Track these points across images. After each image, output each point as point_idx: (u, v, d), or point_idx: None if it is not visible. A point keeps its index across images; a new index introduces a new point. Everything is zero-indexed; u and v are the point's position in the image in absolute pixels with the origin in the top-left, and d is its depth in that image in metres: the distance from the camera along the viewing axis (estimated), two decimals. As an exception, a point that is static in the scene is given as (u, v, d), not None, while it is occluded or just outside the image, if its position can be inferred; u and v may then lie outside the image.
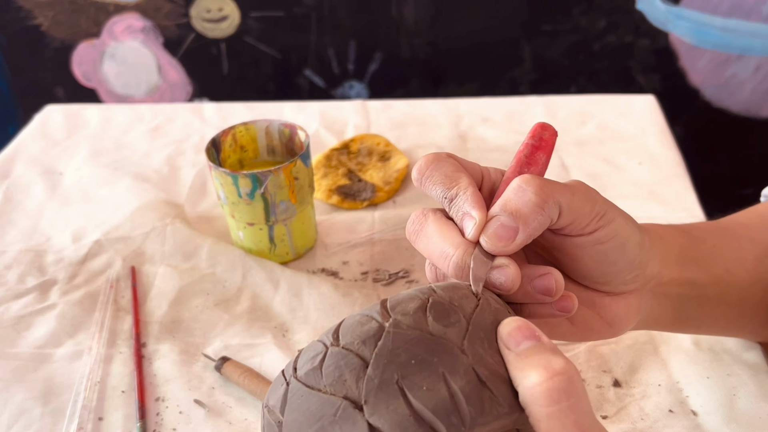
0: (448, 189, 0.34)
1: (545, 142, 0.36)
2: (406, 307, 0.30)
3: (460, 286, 0.31)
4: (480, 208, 0.33)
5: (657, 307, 0.40)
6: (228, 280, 0.61)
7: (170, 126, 0.86)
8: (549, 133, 0.36)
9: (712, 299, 0.42)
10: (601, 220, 0.34)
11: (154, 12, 1.23)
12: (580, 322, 0.38)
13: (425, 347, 0.28)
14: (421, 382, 0.27)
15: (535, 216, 0.32)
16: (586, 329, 0.38)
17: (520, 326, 0.28)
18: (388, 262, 0.63)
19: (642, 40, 1.20)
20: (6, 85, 1.32)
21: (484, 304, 0.30)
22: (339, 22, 1.22)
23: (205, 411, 0.49)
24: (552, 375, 0.26)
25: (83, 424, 0.48)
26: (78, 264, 0.63)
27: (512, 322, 0.29)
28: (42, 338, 0.56)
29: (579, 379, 0.26)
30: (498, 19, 1.20)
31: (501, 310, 0.31)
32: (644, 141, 0.79)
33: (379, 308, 0.30)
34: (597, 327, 0.38)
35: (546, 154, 0.36)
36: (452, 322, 0.29)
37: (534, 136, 0.36)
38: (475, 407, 0.27)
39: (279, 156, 0.66)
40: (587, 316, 0.38)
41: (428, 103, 0.89)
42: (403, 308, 0.29)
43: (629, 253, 0.36)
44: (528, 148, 0.36)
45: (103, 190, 0.74)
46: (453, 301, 0.30)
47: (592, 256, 0.35)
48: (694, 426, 0.46)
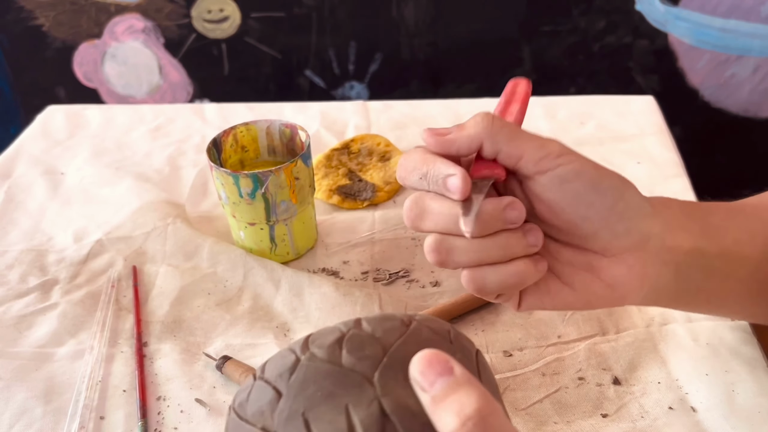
0: (420, 170, 0.36)
1: (518, 95, 0.39)
2: (324, 340, 0.30)
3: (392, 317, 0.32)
4: (453, 165, 0.35)
5: (662, 275, 0.39)
6: (229, 280, 0.61)
7: (171, 126, 0.86)
8: (521, 86, 0.40)
9: (720, 272, 0.41)
10: (559, 158, 0.36)
11: (155, 12, 1.23)
12: (580, 287, 0.38)
13: (333, 380, 0.29)
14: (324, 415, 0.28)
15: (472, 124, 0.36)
16: (588, 294, 0.38)
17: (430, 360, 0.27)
18: (389, 261, 0.63)
19: (641, 41, 1.21)
20: (7, 85, 1.32)
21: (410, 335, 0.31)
22: (339, 22, 1.22)
23: (206, 410, 0.50)
24: (464, 421, 0.25)
25: (85, 423, 0.49)
26: (79, 264, 0.63)
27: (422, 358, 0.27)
28: (43, 338, 0.56)
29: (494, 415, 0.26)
30: (498, 19, 1.20)
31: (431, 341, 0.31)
32: (643, 141, 0.79)
33: (302, 342, 0.31)
34: (599, 291, 0.38)
35: (519, 104, 0.39)
36: (366, 355, 0.29)
37: (506, 92, 0.40)
38: None
39: (280, 156, 0.66)
40: (587, 280, 0.38)
41: (428, 103, 0.89)
42: (321, 342, 0.30)
43: (605, 195, 0.36)
44: (500, 105, 0.39)
45: (104, 190, 0.75)
46: (375, 333, 0.31)
47: (565, 198, 0.36)
48: (694, 423, 0.47)
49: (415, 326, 0.31)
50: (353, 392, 0.28)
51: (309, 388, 0.29)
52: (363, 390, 0.28)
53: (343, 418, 0.27)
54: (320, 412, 0.28)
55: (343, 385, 0.28)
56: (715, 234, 0.41)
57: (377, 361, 0.29)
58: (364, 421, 0.27)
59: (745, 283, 0.43)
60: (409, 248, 0.65)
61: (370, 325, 0.31)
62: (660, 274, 0.39)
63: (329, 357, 0.30)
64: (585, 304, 0.39)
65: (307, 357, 0.30)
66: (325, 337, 0.31)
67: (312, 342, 0.31)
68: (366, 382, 0.28)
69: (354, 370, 0.29)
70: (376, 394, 0.28)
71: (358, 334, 0.31)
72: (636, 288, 0.39)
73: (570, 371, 0.51)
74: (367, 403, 0.28)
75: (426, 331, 0.31)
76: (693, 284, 0.41)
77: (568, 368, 0.51)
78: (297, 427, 0.28)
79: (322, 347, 0.30)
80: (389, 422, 0.27)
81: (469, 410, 0.25)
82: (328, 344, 0.30)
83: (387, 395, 0.28)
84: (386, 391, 0.28)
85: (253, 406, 0.30)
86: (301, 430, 0.28)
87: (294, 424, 0.28)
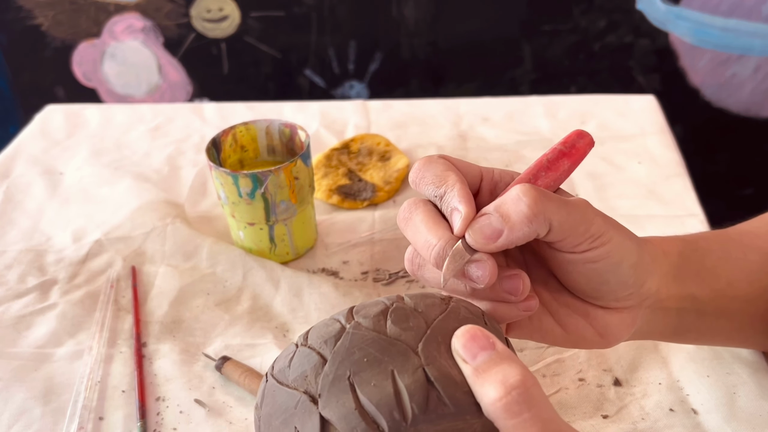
0: (438, 187, 0.35)
1: (576, 150, 0.36)
2: (368, 311, 0.32)
3: (431, 295, 0.33)
4: (467, 203, 0.34)
5: (653, 321, 0.40)
6: (228, 280, 0.61)
7: (170, 126, 0.86)
8: (584, 141, 0.36)
9: (712, 313, 0.42)
10: (595, 242, 0.34)
11: (154, 12, 1.23)
12: (572, 330, 0.38)
13: (379, 347, 0.30)
14: (370, 379, 0.29)
15: (522, 226, 0.32)
16: (578, 338, 0.39)
17: (473, 335, 0.29)
18: (389, 261, 0.63)
19: (642, 40, 1.20)
20: (6, 84, 1.32)
21: (450, 312, 0.32)
22: (339, 22, 1.22)
23: (205, 411, 0.50)
24: (509, 390, 0.26)
25: (84, 423, 0.48)
26: (78, 264, 0.63)
27: (465, 331, 0.29)
28: (42, 338, 0.56)
29: (537, 387, 0.27)
30: (498, 19, 1.20)
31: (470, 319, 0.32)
32: (644, 141, 0.79)
33: (346, 312, 0.32)
34: (589, 336, 0.39)
35: (572, 162, 0.36)
36: (410, 326, 0.30)
37: (566, 142, 0.36)
38: (419, 405, 0.28)
39: (279, 156, 0.66)
40: (580, 326, 0.38)
41: (428, 103, 0.89)
42: (365, 312, 0.32)
43: (622, 274, 0.36)
44: (554, 153, 0.36)
45: (103, 189, 0.74)
46: (417, 308, 0.32)
47: (583, 273, 0.36)
48: (694, 424, 0.46)
49: (454, 305, 0.33)
50: (398, 360, 0.29)
51: (355, 353, 0.30)
52: (408, 358, 0.29)
53: (389, 382, 0.28)
54: (366, 376, 0.29)
55: (388, 353, 0.29)
56: (710, 278, 0.41)
57: (421, 332, 0.30)
58: (409, 386, 0.28)
59: (736, 320, 0.43)
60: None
61: (413, 300, 0.32)
62: (650, 320, 0.40)
63: (375, 326, 0.31)
64: (572, 344, 0.39)
65: (353, 326, 0.31)
66: (369, 309, 0.32)
67: (357, 312, 0.32)
68: (410, 351, 0.29)
69: (399, 339, 0.30)
70: (421, 363, 0.29)
71: (402, 307, 0.32)
72: (624, 335, 0.39)
73: (570, 372, 0.51)
74: (412, 370, 0.29)
75: (464, 311, 0.33)
76: (683, 325, 0.42)
77: (569, 369, 0.51)
78: (342, 390, 0.29)
79: (367, 317, 0.31)
80: (433, 389, 0.28)
81: (513, 380, 0.27)
82: (374, 315, 0.31)
83: (430, 364, 0.29)
84: (429, 361, 0.29)
85: (296, 372, 0.30)
86: (347, 393, 0.28)
87: (339, 387, 0.29)
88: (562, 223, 0.33)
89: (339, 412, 0.28)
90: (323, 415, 0.28)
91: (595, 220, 0.34)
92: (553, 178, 0.35)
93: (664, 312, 0.40)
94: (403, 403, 0.28)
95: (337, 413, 0.28)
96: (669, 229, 0.64)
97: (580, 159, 0.36)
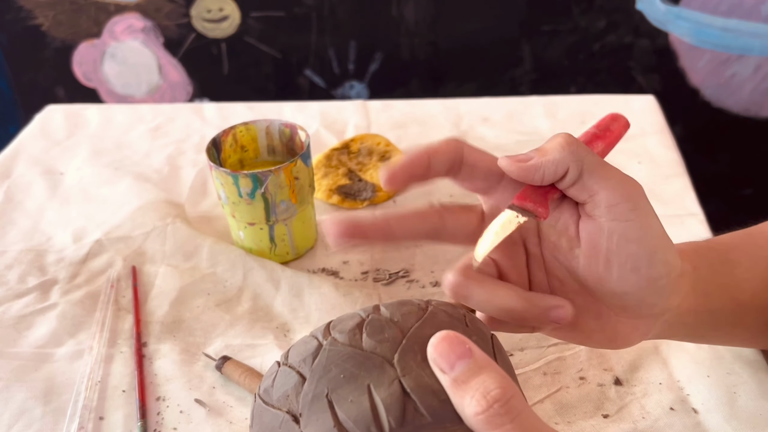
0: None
1: (611, 132, 0.36)
2: (344, 325, 0.32)
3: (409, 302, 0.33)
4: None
5: (667, 331, 0.39)
6: (229, 280, 0.61)
7: (171, 126, 0.86)
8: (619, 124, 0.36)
9: (728, 324, 0.41)
10: (633, 212, 0.33)
11: (154, 12, 1.23)
12: (583, 329, 0.38)
13: (355, 362, 0.30)
14: (347, 395, 0.29)
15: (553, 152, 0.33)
16: (586, 337, 0.38)
17: (450, 341, 0.28)
18: (389, 261, 0.63)
19: (642, 40, 1.20)
20: (6, 84, 1.32)
21: (428, 318, 0.32)
22: (339, 22, 1.22)
23: (205, 410, 0.50)
24: (491, 403, 0.26)
25: (84, 423, 0.48)
26: (79, 264, 0.63)
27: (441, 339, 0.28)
28: (43, 338, 0.56)
29: (517, 396, 0.27)
30: (498, 19, 1.20)
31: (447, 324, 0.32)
32: (644, 141, 0.79)
33: (324, 328, 0.32)
34: (598, 338, 0.38)
35: (606, 143, 0.35)
36: (386, 338, 0.30)
37: (600, 125, 0.36)
38: (395, 417, 0.28)
39: (279, 156, 0.66)
40: (591, 326, 0.37)
41: (428, 103, 0.89)
42: (341, 327, 0.32)
43: (655, 268, 0.34)
44: (587, 136, 0.36)
45: (103, 189, 0.74)
46: (393, 317, 0.32)
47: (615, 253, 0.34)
48: (695, 424, 0.46)
49: (432, 310, 0.32)
50: (374, 373, 0.29)
51: (332, 371, 0.30)
52: (384, 371, 0.29)
53: (366, 397, 0.28)
54: (343, 393, 0.29)
55: (364, 367, 0.29)
56: (735, 291, 0.40)
57: (396, 343, 0.30)
58: (385, 399, 0.28)
59: (753, 329, 0.42)
60: (409, 248, 0.65)
61: (389, 310, 0.32)
62: (665, 331, 0.39)
63: (350, 341, 0.31)
64: (578, 342, 0.39)
65: (329, 342, 0.31)
66: (345, 323, 0.32)
67: (333, 328, 0.32)
68: (386, 364, 0.29)
69: (374, 353, 0.30)
70: (397, 374, 0.29)
71: (377, 319, 0.32)
72: (634, 341, 0.38)
73: (571, 371, 0.51)
74: (388, 383, 0.29)
75: (442, 315, 0.32)
76: (697, 334, 0.41)
77: (570, 368, 0.51)
78: (321, 409, 0.29)
79: (343, 332, 0.31)
80: (410, 400, 0.28)
81: (495, 393, 0.26)
82: (349, 329, 0.31)
83: (407, 375, 0.29)
84: (406, 372, 0.29)
85: (279, 391, 0.31)
86: (326, 411, 0.28)
87: (318, 406, 0.29)
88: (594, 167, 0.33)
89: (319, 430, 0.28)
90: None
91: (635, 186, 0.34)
92: None
93: (681, 325, 0.39)
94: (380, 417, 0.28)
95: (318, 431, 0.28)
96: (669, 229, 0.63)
97: (615, 141, 0.36)
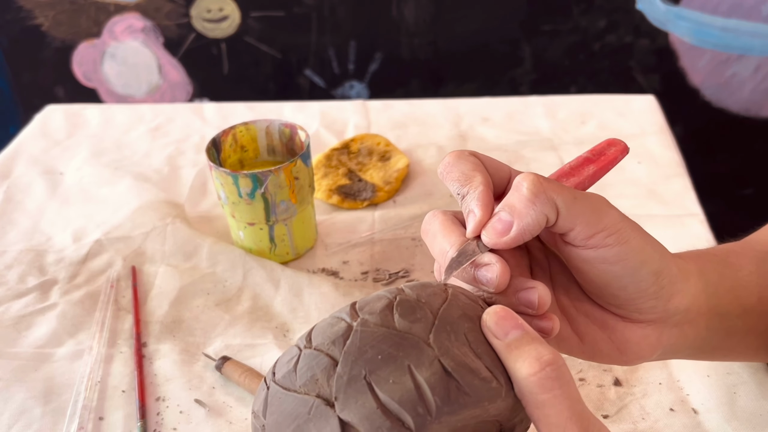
0: (462, 186, 0.35)
1: (605, 157, 0.36)
2: (373, 306, 0.31)
3: (429, 284, 0.33)
4: (484, 206, 0.33)
5: (680, 341, 0.38)
6: (228, 280, 0.61)
7: (171, 126, 0.86)
8: (616, 149, 0.36)
9: (740, 330, 0.40)
10: (609, 238, 0.33)
11: (154, 12, 1.23)
12: (589, 341, 0.37)
13: (391, 343, 0.29)
14: (387, 376, 0.28)
15: (528, 211, 0.32)
16: (594, 350, 0.37)
17: (504, 315, 0.30)
18: (388, 261, 0.63)
19: (642, 40, 1.20)
20: (6, 84, 1.32)
21: (452, 300, 0.32)
22: (339, 22, 1.22)
23: (205, 410, 0.50)
24: (544, 366, 0.28)
25: (84, 423, 0.48)
26: (78, 264, 0.63)
27: (496, 311, 0.30)
28: (43, 338, 0.56)
29: (566, 368, 0.28)
30: (498, 19, 1.20)
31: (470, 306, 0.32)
32: (644, 141, 0.79)
33: (349, 309, 0.31)
34: (606, 350, 0.37)
35: (599, 167, 0.35)
36: (418, 318, 0.30)
37: (594, 150, 0.36)
38: (441, 397, 0.28)
39: (279, 156, 0.66)
40: (598, 337, 0.37)
41: (428, 103, 0.89)
42: (370, 308, 0.31)
43: (642, 281, 0.34)
44: (578, 160, 0.36)
45: (103, 189, 0.74)
46: (420, 299, 0.31)
47: (599, 275, 0.35)
48: (695, 424, 0.46)
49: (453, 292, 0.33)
50: (413, 353, 0.29)
51: (367, 352, 0.29)
52: (422, 351, 0.29)
53: (408, 378, 0.28)
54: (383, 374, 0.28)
55: (401, 348, 0.29)
56: (743, 294, 0.39)
57: (430, 323, 0.30)
58: (429, 379, 0.28)
59: (765, 336, 0.41)
60: (409, 248, 0.65)
61: (413, 291, 0.32)
62: (676, 341, 0.38)
63: (383, 321, 0.30)
64: (588, 356, 0.38)
65: (360, 323, 0.30)
66: (374, 304, 0.31)
67: (361, 309, 0.31)
68: (423, 344, 0.29)
69: (410, 333, 0.30)
70: (435, 354, 0.29)
71: (406, 299, 0.31)
72: (645, 355, 0.37)
73: (571, 372, 0.51)
74: (428, 363, 0.28)
75: (463, 298, 0.33)
76: (711, 344, 0.40)
77: (569, 369, 0.51)
78: (360, 390, 0.28)
79: (373, 313, 0.31)
80: (452, 379, 0.28)
81: (547, 357, 0.28)
82: (380, 310, 0.31)
83: (445, 354, 0.29)
84: (443, 351, 0.29)
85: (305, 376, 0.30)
86: (365, 393, 0.28)
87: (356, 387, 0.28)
88: (568, 206, 0.32)
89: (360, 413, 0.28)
90: (342, 418, 0.28)
91: (609, 213, 0.33)
92: (574, 183, 0.35)
93: (694, 331, 0.38)
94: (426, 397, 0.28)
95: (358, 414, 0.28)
96: (669, 229, 0.64)
97: (610, 165, 0.35)
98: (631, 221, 0.35)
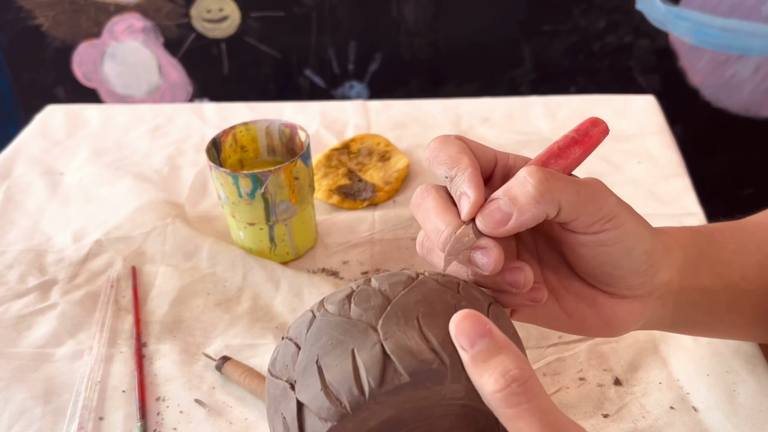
0: (450, 169, 0.35)
1: (589, 137, 0.35)
2: (335, 297, 0.34)
3: (399, 274, 0.34)
4: (476, 187, 0.34)
5: (663, 313, 0.39)
6: (229, 280, 0.61)
7: (171, 126, 0.86)
8: (598, 129, 0.36)
9: (723, 306, 0.41)
10: (607, 223, 0.34)
11: (154, 12, 1.23)
12: (578, 317, 0.38)
13: (342, 329, 0.32)
14: (333, 360, 0.31)
15: (530, 207, 0.32)
16: (582, 325, 0.38)
17: (471, 321, 0.29)
18: (389, 261, 0.63)
19: (642, 40, 1.20)
20: (6, 85, 1.32)
21: (416, 286, 0.33)
22: (339, 22, 1.22)
23: (205, 410, 0.50)
24: (509, 382, 0.27)
25: (84, 423, 0.49)
26: (79, 264, 0.63)
27: (464, 317, 0.29)
28: (43, 338, 0.56)
29: (534, 378, 0.28)
30: (498, 19, 1.20)
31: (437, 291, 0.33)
32: (644, 141, 0.79)
33: (318, 303, 0.34)
34: (594, 325, 0.38)
35: (584, 149, 0.35)
36: (372, 306, 0.32)
37: (579, 129, 0.36)
38: (375, 378, 0.29)
39: (279, 156, 0.66)
40: (586, 314, 0.38)
41: (428, 103, 0.89)
42: (333, 299, 0.34)
43: (635, 260, 0.35)
44: (565, 140, 0.35)
45: (103, 190, 0.74)
46: (381, 287, 0.33)
47: (595, 257, 0.35)
48: (695, 422, 0.46)
49: (422, 279, 0.34)
50: (359, 338, 0.31)
51: (321, 338, 0.32)
52: (367, 336, 0.31)
53: (349, 361, 0.30)
54: (330, 358, 0.31)
55: (350, 333, 0.31)
56: (724, 270, 0.40)
57: (381, 310, 0.32)
58: (366, 362, 0.30)
59: (748, 314, 0.42)
60: (409, 248, 0.65)
61: (378, 281, 0.34)
62: (659, 312, 0.39)
63: (339, 311, 0.33)
64: (576, 331, 0.39)
65: (321, 313, 0.33)
66: (336, 295, 0.34)
67: (326, 300, 0.34)
68: (370, 329, 0.31)
69: (360, 320, 0.32)
70: (379, 339, 0.31)
71: (365, 289, 0.33)
72: (632, 325, 0.39)
73: (571, 371, 0.51)
74: (370, 347, 0.30)
75: (432, 283, 0.34)
76: (693, 318, 0.41)
77: (569, 368, 0.51)
78: (312, 374, 0.31)
79: (333, 303, 0.33)
80: (390, 361, 0.30)
81: (513, 373, 0.27)
82: (339, 300, 0.33)
83: (388, 339, 0.31)
84: (388, 336, 0.31)
85: (280, 363, 0.33)
86: (315, 376, 0.31)
87: (309, 372, 0.31)
88: (572, 203, 0.33)
89: (310, 394, 0.30)
90: (299, 399, 0.31)
91: (608, 200, 0.34)
92: (563, 166, 0.35)
93: (675, 304, 0.39)
94: (361, 378, 0.29)
95: (309, 396, 0.30)
96: (669, 229, 0.64)
97: (592, 147, 0.35)
98: (625, 204, 0.35)
